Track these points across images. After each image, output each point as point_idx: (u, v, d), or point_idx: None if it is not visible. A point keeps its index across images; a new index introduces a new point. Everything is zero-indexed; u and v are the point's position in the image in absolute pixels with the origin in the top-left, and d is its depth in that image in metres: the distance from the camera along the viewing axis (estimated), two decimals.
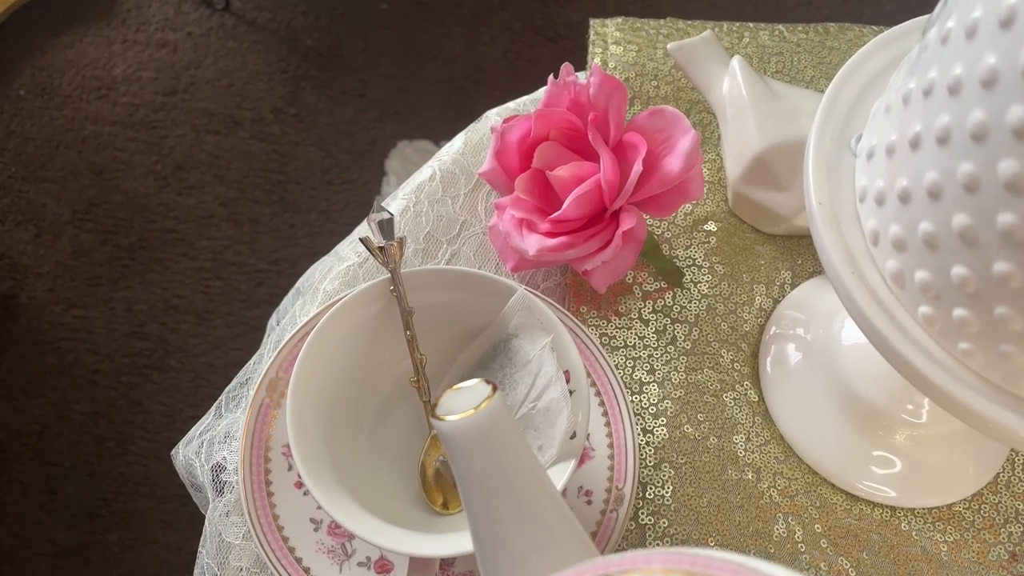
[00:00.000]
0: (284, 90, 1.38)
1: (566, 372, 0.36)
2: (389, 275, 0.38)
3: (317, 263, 0.49)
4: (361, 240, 0.38)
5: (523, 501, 0.23)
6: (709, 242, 0.48)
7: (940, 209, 0.25)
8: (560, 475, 0.34)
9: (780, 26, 0.56)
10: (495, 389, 0.24)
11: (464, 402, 0.24)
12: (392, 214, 0.38)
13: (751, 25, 0.56)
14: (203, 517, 0.42)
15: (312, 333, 0.36)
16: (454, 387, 0.25)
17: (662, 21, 0.55)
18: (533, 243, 0.43)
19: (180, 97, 1.38)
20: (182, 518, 1.06)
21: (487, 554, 0.24)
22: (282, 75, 1.40)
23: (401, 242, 0.38)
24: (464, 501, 0.24)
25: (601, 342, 0.46)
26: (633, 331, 0.46)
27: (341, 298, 0.38)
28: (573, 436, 0.35)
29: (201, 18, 1.48)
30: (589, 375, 0.41)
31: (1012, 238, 0.23)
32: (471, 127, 0.52)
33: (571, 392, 0.36)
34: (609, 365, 0.43)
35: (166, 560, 1.04)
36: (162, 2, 1.51)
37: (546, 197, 0.45)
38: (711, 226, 0.49)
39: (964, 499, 0.43)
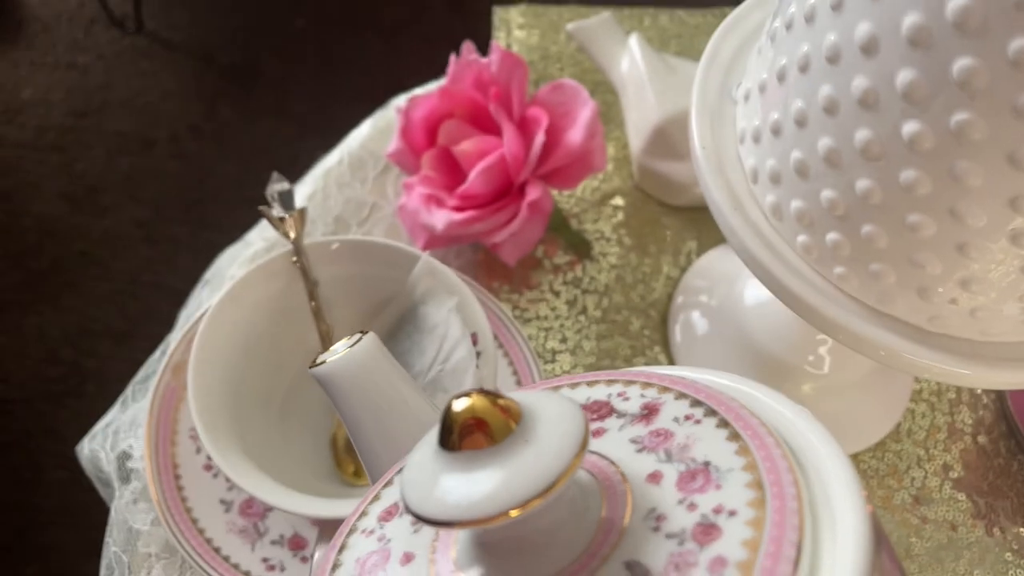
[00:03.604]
0: (200, 108, 1.36)
1: (473, 335, 0.37)
2: (291, 247, 0.37)
3: (224, 252, 0.49)
4: (259, 209, 0.37)
5: (402, 427, 0.23)
6: (617, 216, 0.50)
7: (807, 136, 0.26)
8: None
9: (680, 11, 0.58)
10: (365, 333, 0.25)
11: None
12: (291, 185, 0.38)
13: (651, 10, 0.57)
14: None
15: (213, 306, 0.36)
16: (328, 349, 0.25)
17: (564, 7, 0.56)
18: (441, 218, 0.44)
19: (91, 119, 1.35)
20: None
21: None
22: (198, 94, 1.38)
23: (302, 213, 0.38)
24: (352, 438, 0.24)
25: (514, 315, 0.46)
26: (545, 303, 0.46)
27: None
28: None
29: (112, 40, 1.45)
30: (496, 338, 0.42)
31: (869, 154, 0.24)
32: (378, 113, 0.52)
33: (479, 354, 0.36)
34: (522, 336, 0.43)
35: None
36: (71, 24, 1.47)
37: (453, 174, 0.45)
38: (618, 200, 0.50)
39: (868, 448, 0.45)
